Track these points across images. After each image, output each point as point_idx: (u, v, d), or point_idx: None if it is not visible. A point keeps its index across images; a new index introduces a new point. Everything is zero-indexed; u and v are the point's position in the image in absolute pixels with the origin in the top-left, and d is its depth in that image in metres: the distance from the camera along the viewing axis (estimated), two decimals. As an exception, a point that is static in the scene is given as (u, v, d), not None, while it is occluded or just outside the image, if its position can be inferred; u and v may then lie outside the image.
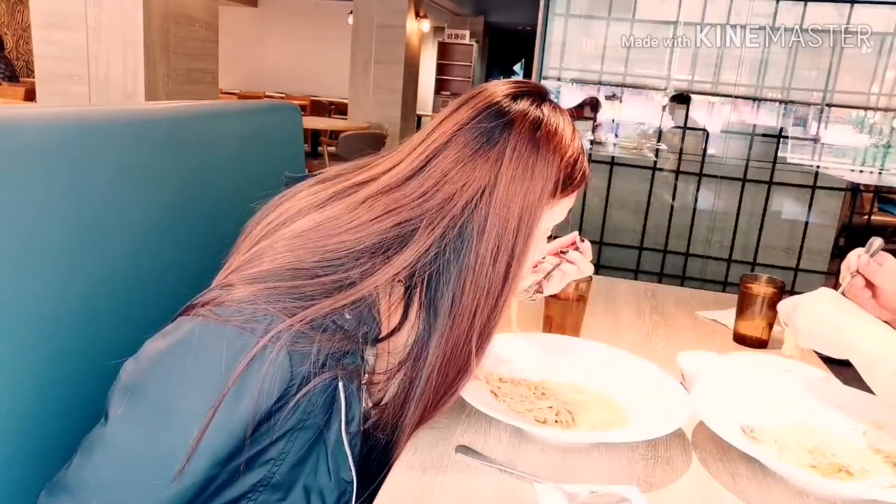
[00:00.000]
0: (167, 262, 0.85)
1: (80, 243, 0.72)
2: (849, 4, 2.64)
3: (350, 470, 0.68)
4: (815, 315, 0.81)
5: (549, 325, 1.12)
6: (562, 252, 0.95)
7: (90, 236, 0.73)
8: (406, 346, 0.73)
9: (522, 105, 0.72)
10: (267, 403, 0.61)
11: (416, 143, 0.73)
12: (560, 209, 0.76)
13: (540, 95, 0.75)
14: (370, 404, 0.77)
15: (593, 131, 3.34)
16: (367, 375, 0.71)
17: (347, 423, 0.67)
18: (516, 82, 0.76)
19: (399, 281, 0.70)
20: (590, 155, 3.11)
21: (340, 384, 0.65)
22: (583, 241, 0.95)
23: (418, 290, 0.72)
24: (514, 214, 0.69)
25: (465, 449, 0.75)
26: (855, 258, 0.89)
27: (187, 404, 0.59)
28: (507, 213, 0.69)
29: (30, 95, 5.21)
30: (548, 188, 0.71)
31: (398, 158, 0.72)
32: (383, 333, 0.71)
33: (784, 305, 0.87)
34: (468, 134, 0.70)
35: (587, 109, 3.53)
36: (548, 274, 0.94)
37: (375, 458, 0.76)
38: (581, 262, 0.94)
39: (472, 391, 0.81)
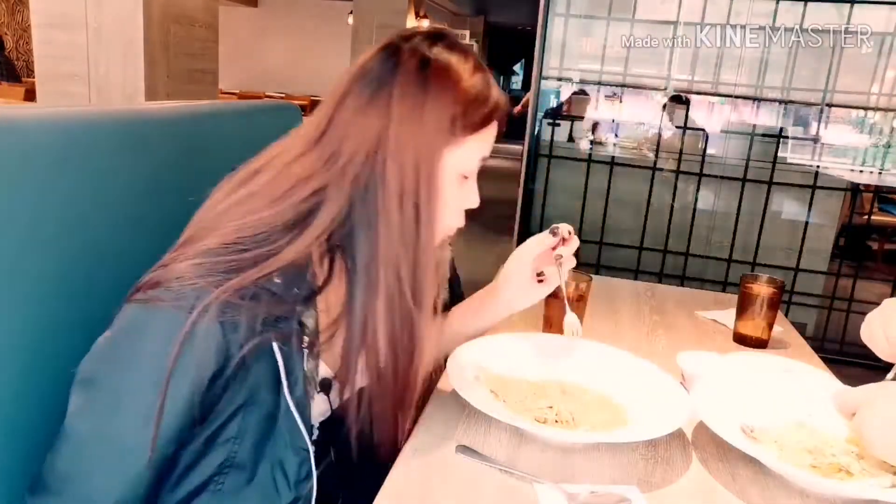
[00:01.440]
0: (167, 262, 0.85)
1: (80, 243, 0.72)
2: (849, 4, 2.64)
3: (303, 436, 0.67)
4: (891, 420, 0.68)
5: (549, 325, 1.12)
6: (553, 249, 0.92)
7: (90, 236, 0.73)
8: (340, 303, 0.74)
9: (412, 45, 0.70)
10: (206, 374, 0.61)
11: (324, 99, 0.73)
12: (471, 148, 0.73)
13: (437, 35, 0.73)
14: (332, 373, 0.78)
15: (593, 131, 3.34)
16: (307, 339, 0.69)
17: (291, 388, 0.66)
18: (422, 28, 0.75)
19: (322, 242, 0.69)
20: (590, 154, 3.11)
21: (275, 346, 0.65)
22: (570, 234, 0.93)
23: (339, 248, 0.72)
24: (410, 159, 0.68)
25: (465, 449, 0.75)
26: None
27: (134, 388, 0.61)
28: (402, 159, 0.68)
29: (30, 95, 5.21)
30: (443, 128, 0.69)
31: (310, 119, 0.72)
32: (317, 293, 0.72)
33: (844, 403, 0.73)
34: (362, 81, 0.70)
35: (576, 105, 3.51)
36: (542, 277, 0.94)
37: (363, 455, 0.77)
38: (568, 257, 0.93)
39: (472, 391, 0.81)
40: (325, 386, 0.78)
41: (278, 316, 0.65)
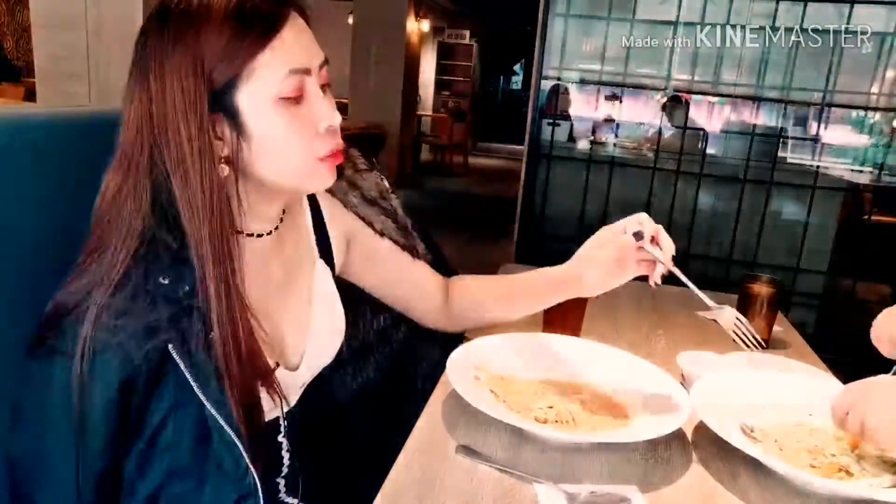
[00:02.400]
0: (167, 262, 0.85)
1: (81, 243, 0.72)
2: (849, 4, 2.64)
3: (228, 432, 0.66)
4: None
5: (549, 325, 1.12)
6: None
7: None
8: None
9: (155, 10, 0.67)
10: (113, 393, 0.62)
11: None
12: (268, 67, 0.66)
13: None
14: (273, 363, 0.76)
15: (594, 132, 3.33)
16: (212, 333, 0.66)
17: (202, 386, 0.65)
18: None
19: (156, 233, 0.66)
20: (589, 154, 3.11)
21: (171, 347, 0.64)
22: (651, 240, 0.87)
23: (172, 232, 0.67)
24: (171, 123, 0.64)
25: (465, 449, 0.75)
26: None
27: (50, 415, 0.63)
28: (166, 125, 0.65)
29: (30, 95, 5.21)
30: (200, 74, 0.64)
31: None
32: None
33: (836, 409, 0.73)
34: (131, 73, 0.67)
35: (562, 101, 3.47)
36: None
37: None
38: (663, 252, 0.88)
39: (472, 391, 0.81)
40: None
41: (173, 315, 0.64)
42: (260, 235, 0.77)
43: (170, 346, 0.63)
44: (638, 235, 0.86)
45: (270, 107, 0.67)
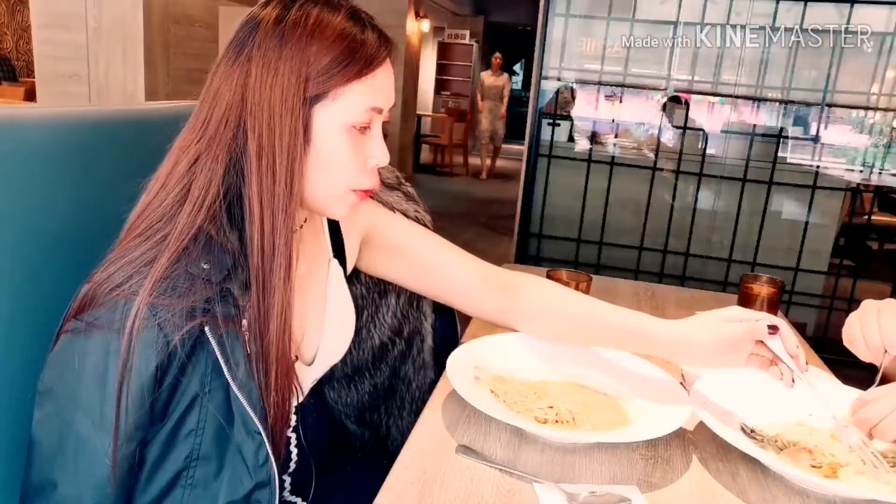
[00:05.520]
0: (167, 262, 0.85)
1: (81, 243, 0.72)
2: (849, 4, 2.64)
3: (253, 420, 0.67)
4: None
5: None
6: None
7: (90, 236, 0.73)
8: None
9: (271, 6, 0.70)
10: (150, 374, 0.62)
11: None
12: (353, 97, 0.70)
13: None
14: (294, 355, 0.77)
15: (593, 139, 3.33)
16: (245, 321, 0.68)
17: (232, 371, 0.66)
18: None
19: (212, 213, 0.67)
20: (589, 154, 3.11)
21: (207, 330, 0.64)
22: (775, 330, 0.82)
23: (231, 212, 0.69)
24: (266, 115, 0.67)
25: (465, 449, 0.75)
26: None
27: (83, 396, 0.63)
28: (260, 116, 0.67)
29: (30, 95, 5.21)
30: (302, 79, 0.67)
31: None
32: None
33: (880, 409, 0.75)
34: (229, 49, 0.70)
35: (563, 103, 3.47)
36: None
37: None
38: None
39: (472, 391, 0.81)
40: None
41: (210, 299, 0.64)
42: None
43: (206, 327, 0.64)
44: (773, 329, 0.81)
45: (340, 131, 0.71)
